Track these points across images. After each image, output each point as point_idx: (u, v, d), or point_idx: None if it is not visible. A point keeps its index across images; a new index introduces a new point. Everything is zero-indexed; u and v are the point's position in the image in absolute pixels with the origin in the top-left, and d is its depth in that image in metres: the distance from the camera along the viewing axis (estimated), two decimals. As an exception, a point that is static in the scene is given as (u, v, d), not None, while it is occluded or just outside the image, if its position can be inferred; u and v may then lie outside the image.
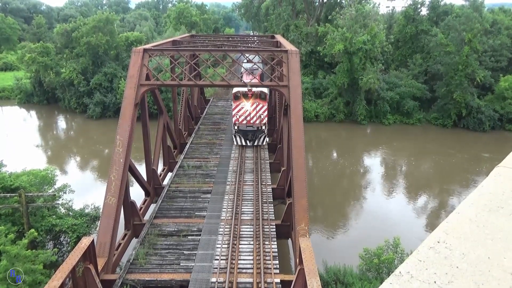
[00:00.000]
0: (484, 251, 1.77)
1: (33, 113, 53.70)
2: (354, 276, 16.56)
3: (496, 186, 2.30)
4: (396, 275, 1.64)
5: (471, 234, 1.89)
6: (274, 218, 16.87)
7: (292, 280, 11.40)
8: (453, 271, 1.65)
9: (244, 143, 24.80)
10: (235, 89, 24.44)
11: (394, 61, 54.52)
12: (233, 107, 25.19)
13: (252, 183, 20.13)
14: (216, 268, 13.21)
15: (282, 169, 20.65)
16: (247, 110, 24.42)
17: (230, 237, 14.98)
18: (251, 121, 24.49)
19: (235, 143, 25.12)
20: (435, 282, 1.59)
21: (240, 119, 24.44)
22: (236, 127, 24.74)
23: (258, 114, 24.48)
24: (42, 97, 54.67)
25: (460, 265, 1.68)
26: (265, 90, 24.61)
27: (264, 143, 25.15)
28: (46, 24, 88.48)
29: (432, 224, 25.33)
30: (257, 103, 24.51)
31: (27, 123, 49.15)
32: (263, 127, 24.84)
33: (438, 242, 1.83)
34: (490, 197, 2.19)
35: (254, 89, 22.94)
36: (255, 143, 24.78)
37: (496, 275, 1.63)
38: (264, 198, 18.46)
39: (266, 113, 24.95)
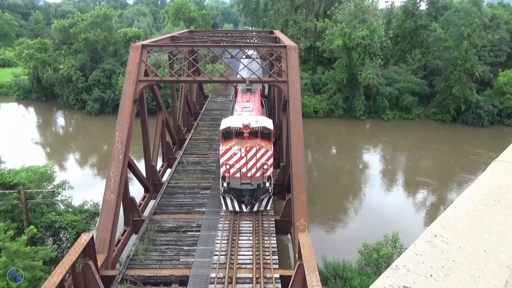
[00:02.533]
0: (480, 244, 1.78)
1: (31, 109, 53.57)
2: (353, 271, 16.63)
3: (493, 180, 2.31)
4: (393, 269, 1.64)
5: (468, 228, 1.90)
6: (273, 213, 16.93)
7: (291, 275, 11.46)
8: (449, 265, 1.65)
9: (238, 209, 16.40)
10: (224, 124, 16.52)
11: (393, 56, 54.44)
12: (221, 152, 16.39)
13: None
14: (216, 263, 13.27)
15: (281, 164, 20.65)
16: (242, 158, 15.96)
17: (229, 232, 15.03)
18: (248, 174, 16.11)
19: (223, 207, 16.65)
20: (431, 275, 1.60)
21: (231, 171, 16.07)
22: (225, 184, 16.14)
23: (259, 163, 16.08)
24: (40, 94, 54.58)
25: (457, 258, 1.69)
26: (269, 125, 16.66)
27: (268, 208, 16.74)
28: (44, 20, 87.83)
29: (431, 218, 25.41)
30: (257, 147, 15.98)
31: (25, 120, 49.03)
32: (267, 183, 16.24)
33: (435, 236, 1.83)
34: (487, 191, 2.20)
35: (252, 124, 15.98)
36: (255, 208, 16.49)
37: (492, 269, 1.63)
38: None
39: (271, 160, 16.41)
